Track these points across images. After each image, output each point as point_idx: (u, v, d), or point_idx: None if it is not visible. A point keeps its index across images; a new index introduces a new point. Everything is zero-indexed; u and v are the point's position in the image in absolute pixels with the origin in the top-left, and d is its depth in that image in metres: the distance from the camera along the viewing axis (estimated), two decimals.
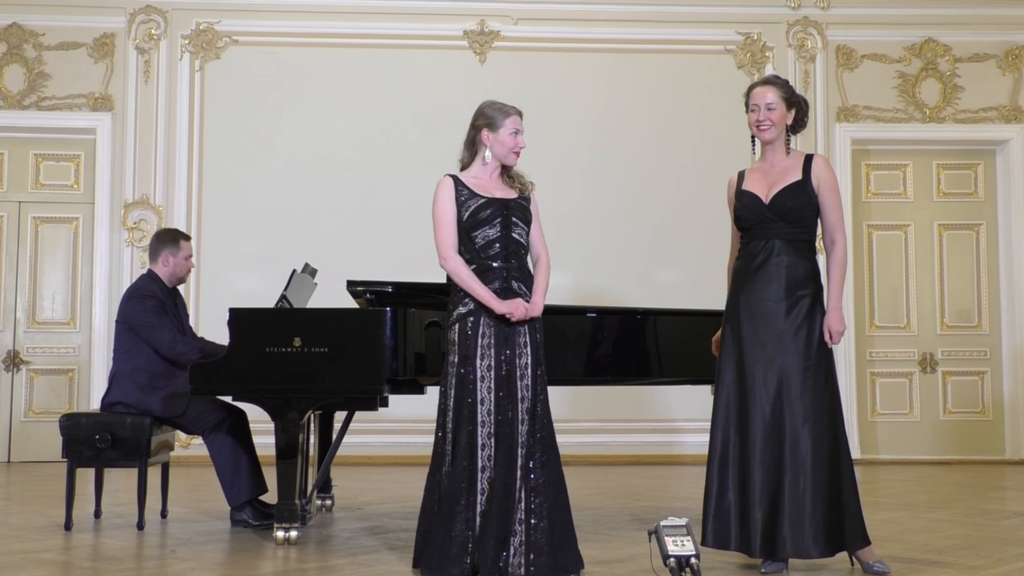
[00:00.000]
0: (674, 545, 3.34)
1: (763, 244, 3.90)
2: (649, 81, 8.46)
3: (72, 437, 4.82)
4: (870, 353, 8.49)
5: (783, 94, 3.96)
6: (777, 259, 3.86)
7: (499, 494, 3.68)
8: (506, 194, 3.94)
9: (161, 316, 5.00)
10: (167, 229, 5.41)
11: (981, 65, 8.62)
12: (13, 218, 8.24)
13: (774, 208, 3.88)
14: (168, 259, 5.16)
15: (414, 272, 5.83)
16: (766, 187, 3.93)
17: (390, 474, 7.32)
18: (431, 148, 8.08)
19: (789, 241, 3.88)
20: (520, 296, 3.84)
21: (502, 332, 3.80)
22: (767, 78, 4.08)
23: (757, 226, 3.92)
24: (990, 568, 3.91)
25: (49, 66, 8.22)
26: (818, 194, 3.91)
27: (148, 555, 4.30)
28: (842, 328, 3.88)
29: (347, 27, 8.34)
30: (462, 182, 3.94)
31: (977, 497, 6.21)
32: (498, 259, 3.86)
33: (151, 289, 5.07)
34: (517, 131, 3.97)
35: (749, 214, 3.93)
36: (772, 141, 3.97)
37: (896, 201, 8.65)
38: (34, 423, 8.05)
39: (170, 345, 4.96)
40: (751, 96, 4.00)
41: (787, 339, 3.81)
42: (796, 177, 3.91)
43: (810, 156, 3.99)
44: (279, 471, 4.40)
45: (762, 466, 3.76)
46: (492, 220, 3.86)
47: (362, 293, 4.90)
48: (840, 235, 3.93)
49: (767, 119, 3.94)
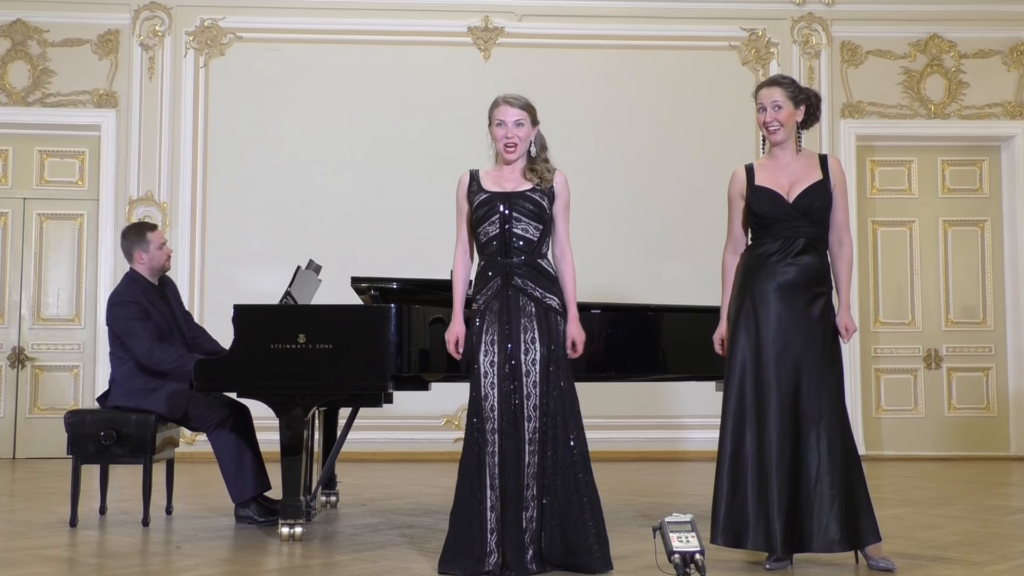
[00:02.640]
0: (679, 541, 3.33)
1: (784, 242, 3.90)
2: (654, 77, 8.45)
3: (77, 434, 4.83)
4: (875, 349, 8.48)
5: (789, 93, 3.96)
6: (798, 257, 3.87)
7: (510, 492, 3.67)
8: (517, 186, 3.86)
9: (143, 322, 4.94)
10: (130, 225, 5.31)
11: (986, 61, 8.61)
12: (18, 215, 8.25)
13: (799, 207, 3.89)
14: (141, 256, 5.12)
15: (418, 268, 5.84)
16: (786, 185, 3.93)
17: (395, 470, 7.32)
18: (436, 144, 8.10)
19: (811, 239, 3.90)
20: (523, 293, 3.79)
21: (506, 328, 3.78)
22: (773, 78, 4.08)
23: (779, 224, 3.92)
24: (995, 564, 3.90)
25: (53, 63, 8.22)
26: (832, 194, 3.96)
27: (153, 551, 4.30)
28: (855, 327, 3.94)
29: (351, 23, 8.34)
30: (476, 176, 3.90)
31: (982, 493, 6.21)
32: (498, 256, 3.83)
33: (131, 294, 5.01)
34: (501, 123, 3.85)
35: (771, 211, 3.92)
36: (783, 142, 3.98)
37: (901, 197, 8.64)
38: (39, 420, 8.07)
39: (147, 353, 4.90)
40: (758, 97, 4.01)
41: (805, 336, 3.82)
42: (817, 176, 3.93)
43: (824, 156, 4.02)
44: (283, 467, 4.40)
45: (781, 462, 3.76)
46: (490, 216, 3.82)
47: (366, 289, 4.90)
48: (848, 235, 3.99)
49: (775, 120, 3.94)
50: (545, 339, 3.77)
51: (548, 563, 3.73)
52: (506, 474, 3.68)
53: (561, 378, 3.78)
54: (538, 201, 3.84)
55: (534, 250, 3.84)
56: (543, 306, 3.81)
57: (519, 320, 3.78)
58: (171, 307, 5.17)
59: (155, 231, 5.20)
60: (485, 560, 3.69)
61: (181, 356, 4.92)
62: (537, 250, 3.85)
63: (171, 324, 5.11)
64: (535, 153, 3.91)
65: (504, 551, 3.66)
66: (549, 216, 3.88)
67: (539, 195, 3.84)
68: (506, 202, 3.82)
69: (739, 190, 4.03)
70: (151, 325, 4.97)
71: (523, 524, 3.68)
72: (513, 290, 3.80)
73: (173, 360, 4.89)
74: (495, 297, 3.81)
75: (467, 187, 3.90)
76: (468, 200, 3.89)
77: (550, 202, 3.87)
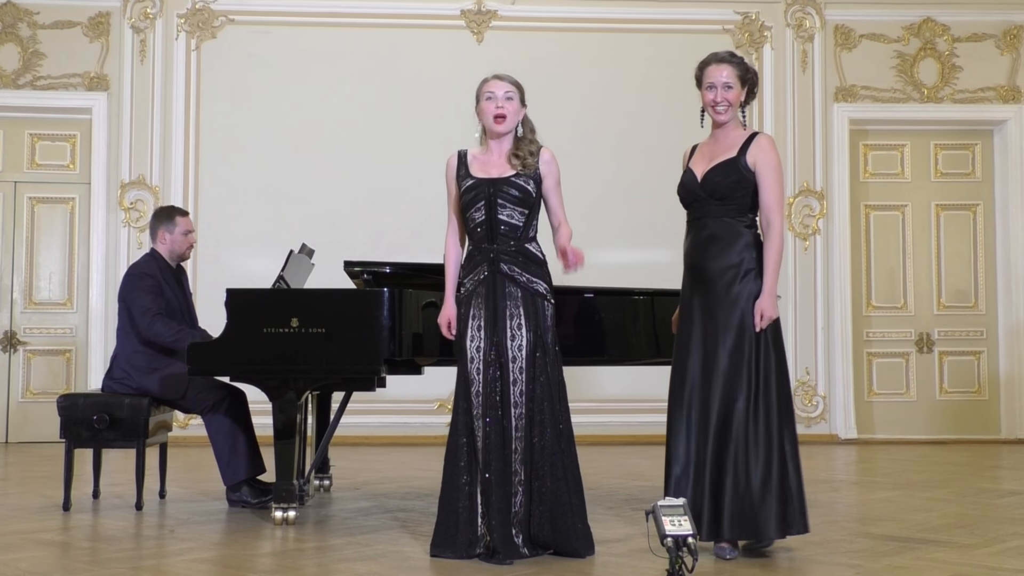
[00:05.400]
0: (671, 525, 3.34)
1: (698, 223, 3.84)
2: (647, 61, 8.42)
3: (70, 418, 4.82)
4: (867, 333, 8.50)
5: (739, 72, 3.83)
6: (709, 239, 3.78)
7: (496, 477, 3.68)
8: (502, 172, 3.83)
9: (152, 296, 4.97)
10: (164, 207, 5.40)
11: (979, 45, 8.60)
12: (9, 198, 8.21)
13: (706, 186, 3.80)
14: (165, 236, 5.15)
15: (411, 252, 5.84)
16: (706, 166, 3.84)
17: (388, 454, 7.33)
18: (428, 128, 8.07)
19: (718, 218, 3.78)
20: (509, 279, 3.77)
21: (492, 313, 3.77)
22: (722, 55, 3.88)
23: (693, 204, 3.86)
24: (985, 547, 3.92)
25: (44, 45, 8.17)
26: (755, 173, 3.78)
27: (147, 535, 4.31)
28: (774, 314, 3.73)
29: (344, 6, 8.30)
30: (465, 159, 3.88)
31: (973, 476, 6.24)
32: (484, 242, 3.82)
33: (149, 267, 5.06)
34: (490, 96, 3.81)
35: (684, 192, 3.86)
36: (728, 122, 3.85)
37: (894, 181, 8.64)
38: (32, 404, 8.06)
39: (148, 325, 4.91)
40: (705, 72, 3.85)
41: (722, 320, 3.72)
42: (732, 155, 3.80)
43: (755, 134, 3.86)
44: (277, 451, 4.41)
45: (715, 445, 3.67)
46: (476, 203, 3.81)
47: (359, 273, 4.90)
48: (776, 216, 3.76)
49: (724, 100, 3.81)
50: (531, 325, 3.77)
51: (537, 546, 3.75)
52: (492, 459, 3.69)
53: (548, 364, 3.78)
54: (523, 186, 3.81)
55: (520, 235, 3.83)
56: (529, 291, 3.80)
57: (505, 306, 3.77)
58: (183, 296, 5.19)
59: (185, 217, 5.24)
60: (476, 543, 3.71)
61: (179, 331, 4.93)
62: (524, 235, 3.84)
63: (182, 308, 5.13)
64: (521, 133, 3.87)
65: (492, 535, 3.67)
66: (535, 200, 3.86)
67: (524, 180, 3.82)
68: (491, 188, 3.80)
69: (681, 171, 3.96)
70: (161, 301, 4.99)
71: (512, 509, 3.70)
72: (500, 276, 3.79)
73: (171, 333, 4.91)
74: (482, 283, 3.81)
75: (455, 170, 3.89)
76: (457, 184, 3.88)
77: (536, 185, 3.85)
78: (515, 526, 3.71)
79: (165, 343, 4.92)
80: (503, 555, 3.63)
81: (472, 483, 3.73)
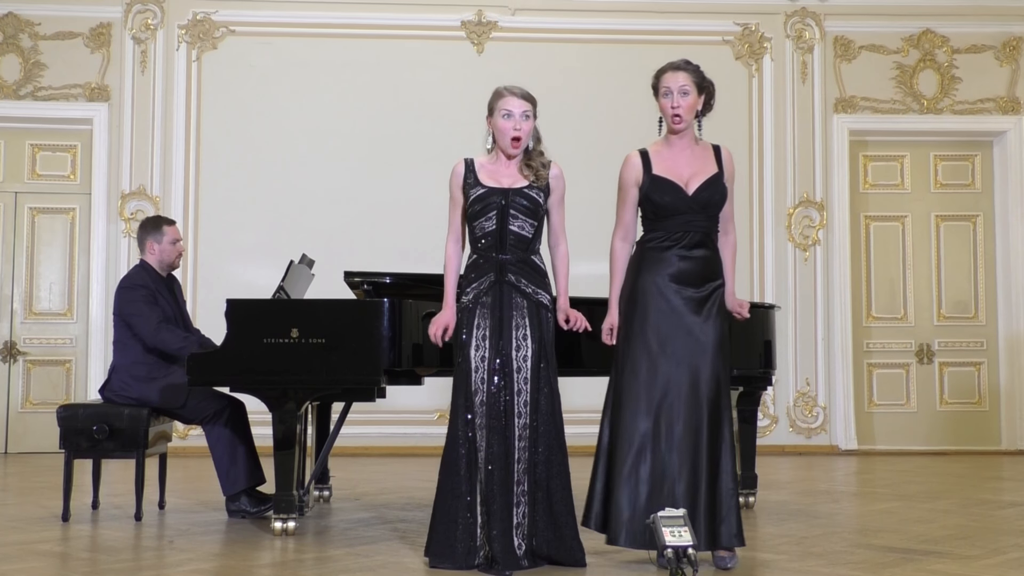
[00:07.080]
0: (671, 535, 3.35)
1: (681, 235, 3.83)
2: (647, 72, 8.32)
3: (69, 428, 4.82)
4: (867, 344, 8.50)
5: (695, 79, 3.85)
6: (693, 250, 3.82)
7: (498, 488, 3.67)
8: (514, 182, 3.83)
9: (150, 305, 4.99)
10: (150, 217, 5.42)
11: (979, 56, 8.62)
12: (10, 208, 8.22)
13: (699, 200, 3.82)
14: (153, 247, 5.16)
15: (411, 263, 5.84)
16: (686, 176, 3.85)
17: (387, 464, 7.33)
18: (429, 138, 8.09)
19: (705, 233, 3.86)
20: (516, 289, 3.78)
21: (498, 323, 3.77)
22: (677, 63, 3.92)
23: (678, 216, 3.84)
24: (986, 558, 3.92)
25: (45, 56, 8.19)
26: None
27: (146, 546, 4.30)
28: (746, 303, 3.98)
29: (344, 17, 8.33)
30: (473, 167, 3.86)
31: (973, 487, 6.23)
32: (493, 251, 3.82)
33: (141, 279, 5.07)
34: (508, 113, 3.80)
35: (672, 203, 3.83)
36: (684, 130, 3.88)
37: (894, 192, 8.65)
38: (31, 414, 8.05)
39: (153, 333, 4.93)
40: (662, 80, 3.89)
41: (700, 328, 3.76)
42: (714, 169, 3.87)
43: (718, 147, 3.93)
44: (276, 462, 4.40)
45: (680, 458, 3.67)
46: (488, 212, 3.79)
47: (359, 284, 4.90)
48: (733, 225, 3.99)
49: (680, 106, 3.82)
50: (536, 335, 3.77)
51: (538, 557, 3.74)
52: (493, 469, 3.68)
53: (551, 376, 3.79)
54: (534, 198, 3.82)
55: (528, 246, 3.83)
56: (534, 302, 3.81)
57: (511, 316, 3.78)
58: (177, 305, 5.20)
59: (172, 226, 5.24)
60: (475, 553, 3.70)
61: (185, 339, 4.97)
62: (531, 246, 3.84)
63: (176, 316, 5.15)
64: (531, 146, 3.89)
65: (492, 546, 3.66)
66: (544, 212, 3.87)
67: (535, 191, 3.83)
68: (504, 198, 3.79)
69: (635, 177, 3.92)
70: (158, 309, 5.01)
71: (513, 520, 3.69)
72: (506, 286, 3.79)
73: (178, 341, 4.93)
74: (487, 292, 3.80)
75: (462, 178, 3.87)
76: (463, 192, 3.86)
77: (545, 197, 3.86)
78: (517, 536, 3.70)
79: (171, 351, 4.93)
80: (502, 565, 3.62)
81: (472, 493, 3.73)
